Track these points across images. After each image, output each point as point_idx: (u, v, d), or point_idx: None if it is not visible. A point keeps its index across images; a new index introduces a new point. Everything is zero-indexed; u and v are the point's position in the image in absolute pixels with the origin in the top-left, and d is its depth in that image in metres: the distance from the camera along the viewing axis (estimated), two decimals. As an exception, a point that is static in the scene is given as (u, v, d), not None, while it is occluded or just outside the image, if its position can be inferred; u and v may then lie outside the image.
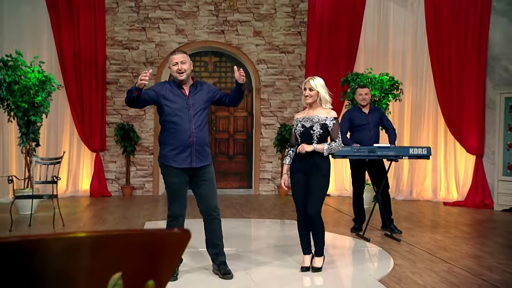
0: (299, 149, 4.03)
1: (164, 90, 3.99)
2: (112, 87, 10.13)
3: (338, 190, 10.37)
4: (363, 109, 6.19)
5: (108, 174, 10.07)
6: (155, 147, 10.18)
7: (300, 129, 4.15)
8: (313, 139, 4.11)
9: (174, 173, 3.95)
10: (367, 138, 6.06)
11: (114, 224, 6.64)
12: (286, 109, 10.51)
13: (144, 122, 10.21)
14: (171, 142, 3.93)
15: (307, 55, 10.19)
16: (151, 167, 10.20)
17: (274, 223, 6.98)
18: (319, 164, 4.11)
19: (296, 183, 4.15)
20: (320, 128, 4.10)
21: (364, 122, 6.11)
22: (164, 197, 9.75)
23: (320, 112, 4.17)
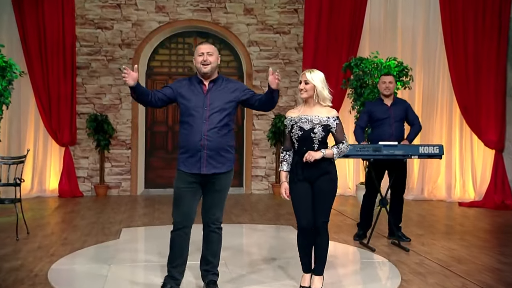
0: (307, 158, 3.96)
1: (182, 86, 4.00)
2: (83, 72, 10.03)
3: (340, 188, 10.37)
4: (385, 101, 6.16)
5: (80, 171, 10.01)
6: (132, 140, 10.12)
7: (298, 133, 4.07)
8: (314, 143, 4.05)
9: (182, 177, 3.96)
10: (387, 134, 6.02)
11: (86, 232, 6.59)
12: (281, 98, 10.45)
13: (120, 112, 10.14)
14: (183, 144, 3.98)
15: (305, 36, 10.12)
16: (129, 163, 10.14)
17: (268, 229, 6.96)
18: (326, 169, 4.07)
19: (299, 193, 4.09)
20: (322, 130, 4.05)
21: (385, 116, 6.08)
22: (144, 198, 9.72)
23: (319, 111, 4.10)
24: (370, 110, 6.19)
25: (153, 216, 7.74)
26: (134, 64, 10.09)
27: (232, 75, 10.57)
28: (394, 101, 6.18)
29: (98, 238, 6.20)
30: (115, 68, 10.10)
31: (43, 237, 6.25)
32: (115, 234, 6.44)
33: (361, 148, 5.61)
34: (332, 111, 4.16)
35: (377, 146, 5.62)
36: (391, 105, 6.13)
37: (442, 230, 6.93)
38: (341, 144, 4.11)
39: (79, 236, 6.28)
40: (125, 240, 6.14)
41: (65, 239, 6.12)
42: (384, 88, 6.13)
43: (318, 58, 10.07)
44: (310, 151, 3.99)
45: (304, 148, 4.04)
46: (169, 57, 10.46)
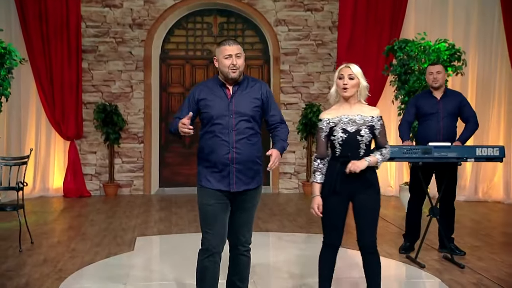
0: (351, 168, 3.89)
1: (203, 93, 3.92)
2: (90, 56, 10.07)
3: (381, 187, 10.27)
4: (434, 93, 6.07)
5: (87, 168, 10.09)
6: (145, 133, 10.16)
7: (341, 136, 3.98)
8: (361, 148, 3.98)
9: (208, 193, 3.90)
10: (434, 131, 5.94)
11: (96, 241, 6.64)
12: (312, 84, 10.41)
13: (132, 101, 10.17)
14: (207, 157, 3.91)
15: (340, 13, 10.02)
16: (141, 159, 10.20)
17: (300, 238, 6.94)
18: (369, 180, 4.01)
19: (333, 208, 4.03)
20: (369, 131, 3.99)
21: (433, 110, 5.99)
22: (159, 198, 9.78)
23: (362, 109, 4.02)
24: (417, 103, 6.11)
25: (170, 222, 7.77)
26: (147, 46, 10.10)
27: (257, 59, 10.53)
28: (445, 93, 6.08)
29: (110, 249, 6.25)
30: (125, 52, 10.12)
31: (48, 247, 6.31)
32: (129, 244, 6.48)
33: (408, 150, 5.53)
34: (375, 109, 4.09)
35: (427, 147, 5.53)
36: (441, 98, 6.04)
37: (502, 241, 6.83)
38: (384, 149, 4.06)
39: (89, 247, 6.33)
40: (140, 252, 6.18)
41: (73, 251, 6.17)
42: (432, 80, 6.03)
43: (355, 39, 9.98)
44: (353, 161, 3.92)
45: (349, 154, 3.97)
46: (186, 38, 10.44)
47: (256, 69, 10.54)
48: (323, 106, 10.32)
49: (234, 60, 3.86)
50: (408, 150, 5.54)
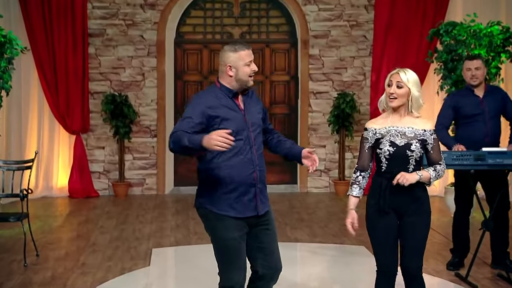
0: (400, 180, 3.85)
1: (214, 105, 3.77)
2: (97, 41, 10.09)
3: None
4: (475, 91, 5.97)
5: (94, 165, 10.14)
6: (159, 126, 10.18)
7: (389, 149, 3.96)
8: (410, 164, 3.95)
9: (233, 225, 3.80)
10: (480, 135, 5.86)
11: (108, 254, 6.68)
12: (346, 71, 10.35)
13: (144, 91, 10.19)
14: (229, 180, 3.77)
15: (378, -9, 9.92)
16: (154, 154, 10.23)
17: (333, 250, 6.92)
18: (420, 198, 3.97)
19: (384, 229, 4.00)
20: (420, 146, 3.95)
21: (477, 111, 5.90)
22: (174, 199, 9.81)
23: (412, 122, 3.98)
24: (456, 103, 6.00)
25: (188, 229, 7.80)
26: (160, 29, 10.08)
27: (283, 42, 10.47)
28: (487, 90, 5.98)
29: (123, 263, 6.28)
30: (136, 36, 10.12)
31: (56, 261, 6.36)
32: (144, 257, 6.51)
33: (459, 156, 5.46)
34: (428, 122, 4.05)
35: (480, 153, 5.46)
36: (484, 96, 5.95)
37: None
38: (438, 166, 4.01)
39: (100, 261, 6.37)
40: (157, 268, 6.21)
41: (83, 265, 6.22)
42: (470, 77, 5.92)
43: (395, 20, 9.89)
44: (403, 172, 3.89)
45: (396, 169, 3.94)
46: (204, 20, 10.41)
47: (282, 54, 10.49)
48: (357, 95, 10.27)
49: (253, 66, 3.82)
50: (459, 156, 5.47)
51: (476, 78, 5.91)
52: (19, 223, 6.35)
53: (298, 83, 10.44)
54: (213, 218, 3.80)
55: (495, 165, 5.47)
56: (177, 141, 3.57)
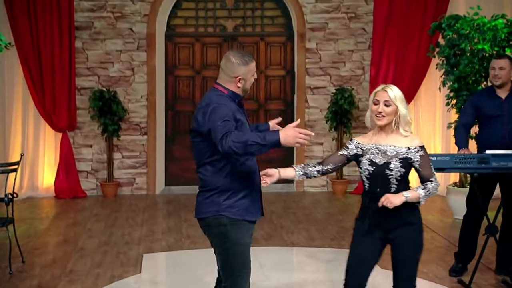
0: (385, 203, 3.88)
1: (234, 108, 3.94)
2: (84, 34, 10.07)
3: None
4: (498, 92, 6.00)
5: (81, 164, 10.14)
6: (149, 123, 10.17)
7: (368, 168, 4.01)
8: (391, 183, 3.98)
9: (248, 230, 4.01)
10: (497, 137, 5.88)
11: (97, 260, 6.69)
12: (344, 65, 10.37)
13: (133, 87, 10.18)
14: (244, 184, 3.97)
15: (377, -18, 9.92)
16: (144, 153, 10.23)
17: (331, 255, 6.93)
18: (407, 218, 4.02)
19: (363, 249, 4.07)
20: (400, 165, 3.97)
21: (497, 113, 5.93)
22: (166, 199, 9.81)
23: (397, 140, 4.03)
24: (477, 103, 6.05)
25: (181, 232, 7.81)
26: (150, 22, 10.05)
27: (278, 35, 10.48)
28: (511, 92, 6.00)
29: (113, 270, 6.29)
30: (126, 29, 10.10)
31: (42, 268, 6.36)
32: (135, 263, 6.52)
33: (462, 159, 5.46)
34: (415, 139, 4.08)
35: (484, 156, 5.46)
36: (507, 97, 5.96)
37: None
38: (429, 183, 4.03)
39: (88, 267, 6.38)
40: (148, 275, 6.23)
41: (71, 272, 6.23)
42: (493, 76, 5.96)
43: (395, 12, 9.90)
44: (387, 194, 3.92)
45: (378, 190, 3.99)
46: (196, 12, 10.40)
47: (277, 47, 10.49)
48: (356, 91, 10.28)
49: (255, 74, 4.07)
50: (462, 159, 5.47)
51: (498, 78, 5.93)
52: (4, 228, 6.34)
53: (294, 78, 10.45)
54: (234, 226, 3.93)
55: (499, 168, 5.46)
56: (241, 141, 3.66)
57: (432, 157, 5.44)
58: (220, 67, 4.04)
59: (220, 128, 3.71)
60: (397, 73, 10.02)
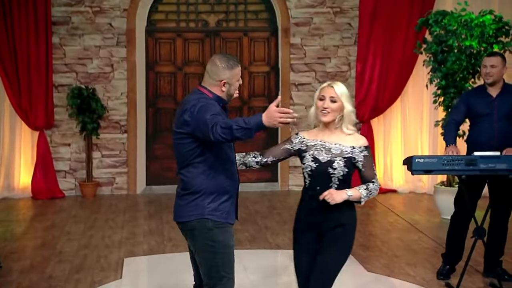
0: (327, 197, 3.93)
1: (219, 110, 3.99)
2: (61, 29, 10.05)
3: (409, 183, 10.36)
4: (489, 90, 6.06)
5: (59, 163, 10.13)
6: (129, 121, 10.17)
7: (311, 165, 4.06)
8: (332, 183, 4.05)
9: (231, 231, 4.11)
10: (486, 137, 5.96)
11: (76, 264, 6.71)
12: (329, 61, 10.43)
13: (113, 83, 10.17)
14: (226, 188, 4.06)
15: (363, -25, 9.97)
16: (125, 152, 10.23)
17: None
18: (347, 219, 4.08)
19: (303, 247, 4.15)
20: (344, 164, 4.03)
21: (486, 111, 6.00)
22: (147, 200, 9.83)
23: (342, 138, 4.09)
24: (469, 100, 6.13)
25: (163, 235, 7.83)
26: (130, 17, 10.04)
27: (262, 30, 10.51)
28: (503, 90, 6.06)
29: (93, 275, 6.31)
30: (105, 24, 10.08)
31: (20, 273, 6.36)
32: (115, 268, 6.54)
33: (449, 161, 5.52)
34: (360, 139, 4.16)
35: (471, 158, 5.52)
36: (498, 95, 6.03)
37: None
38: (371, 184, 4.09)
39: (67, 273, 6.39)
40: (130, 280, 6.25)
41: (49, 278, 6.23)
42: (484, 74, 6.03)
43: (381, 7, 9.97)
44: (331, 190, 4.00)
45: (318, 188, 4.05)
46: (177, 7, 10.40)
47: (261, 43, 10.53)
48: (342, 87, 10.30)
49: (240, 80, 4.14)
50: (449, 161, 5.53)
51: (490, 76, 5.98)
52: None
53: (279, 74, 10.48)
54: (214, 227, 4.00)
55: (487, 170, 5.53)
56: (227, 127, 3.69)
57: (419, 159, 5.54)
58: (205, 69, 4.09)
59: (209, 119, 3.77)
60: (383, 69, 10.10)
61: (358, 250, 6.99)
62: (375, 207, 9.36)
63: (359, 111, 10.16)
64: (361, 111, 10.06)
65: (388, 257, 6.90)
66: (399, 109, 10.36)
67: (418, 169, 5.50)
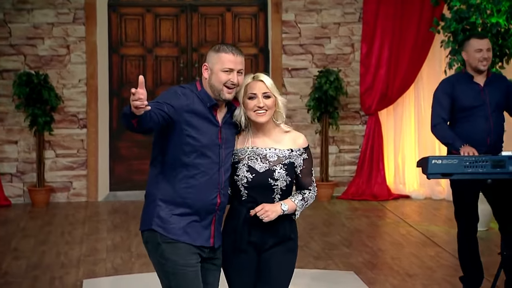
0: (261, 213, 3.97)
1: (192, 106, 4.01)
2: (6, 3, 10.04)
3: (425, 187, 10.38)
4: (476, 78, 6.10)
5: (4, 165, 10.13)
6: (89, 114, 10.15)
7: (247, 176, 4.08)
8: (274, 194, 4.09)
9: (187, 251, 4.03)
10: (481, 133, 5.98)
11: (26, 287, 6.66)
12: (329, 41, 10.47)
13: (69, 68, 10.17)
14: (189, 202, 4.03)
15: None
16: (84, 150, 10.23)
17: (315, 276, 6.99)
18: (287, 234, 4.14)
19: (239, 269, 4.18)
20: (286, 173, 4.08)
21: (477, 103, 6.02)
22: (110, 208, 9.81)
23: (277, 140, 4.14)
24: (452, 91, 6.12)
25: (129, 250, 7.83)
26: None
27: (248, 5, 10.56)
28: (489, 78, 6.12)
29: (46, 301, 6.30)
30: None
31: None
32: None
33: (472, 163, 5.55)
34: (299, 137, 4.20)
35: (499, 158, 5.56)
36: (485, 84, 6.08)
37: None
38: (307, 192, 4.18)
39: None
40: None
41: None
42: (479, 61, 6.01)
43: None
44: (264, 204, 4.03)
45: (259, 200, 4.08)
46: (146, -25, 10.42)
47: (247, 20, 10.56)
48: (344, 72, 10.37)
49: (235, 76, 4.01)
50: (472, 162, 5.56)
51: (486, 62, 6.02)
52: None
53: (269, 57, 10.49)
54: (162, 242, 4.00)
55: (518, 173, 5.59)
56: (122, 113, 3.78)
57: (436, 160, 5.57)
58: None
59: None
60: (393, 51, 10.15)
61: (364, 269, 7.03)
62: (385, 216, 9.41)
63: (365, 101, 10.23)
64: (367, 101, 10.11)
65: (400, 277, 6.91)
66: (412, 99, 10.41)
67: (435, 172, 5.55)
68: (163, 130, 3.97)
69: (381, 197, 10.22)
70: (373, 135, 10.31)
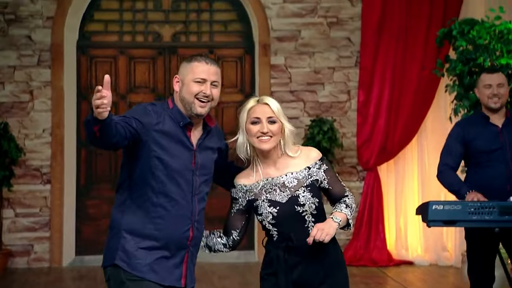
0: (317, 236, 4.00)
1: (162, 125, 4.07)
2: (-37, 44, 10.14)
3: (430, 252, 10.35)
4: (492, 118, 6.16)
5: (-42, 225, 10.10)
6: (54, 168, 10.17)
7: (271, 212, 4.14)
8: (306, 222, 4.15)
9: None
10: (501, 177, 6.03)
11: None
12: (322, 87, 10.52)
13: (32, 117, 10.21)
14: (152, 232, 4.04)
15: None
16: (47, 209, 10.20)
17: None
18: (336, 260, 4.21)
19: None
20: (311, 194, 4.13)
21: (495, 146, 6.08)
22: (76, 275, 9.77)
23: (290, 164, 4.22)
24: (466, 135, 6.18)
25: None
26: (56, 28, 10.13)
27: (234, 47, 10.64)
28: (508, 118, 6.20)
29: None
30: (22, 37, 10.16)
31: None
32: None
33: (478, 208, 5.61)
34: (310, 150, 4.32)
35: (507, 204, 5.61)
36: (504, 125, 6.15)
37: None
38: (346, 199, 4.25)
39: None
40: None
41: None
42: (490, 98, 6.10)
43: (390, 15, 10.14)
44: (318, 224, 4.08)
45: (292, 235, 4.13)
46: (120, 14, 10.53)
47: (232, 63, 10.64)
48: (339, 122, 10.36)
49: (208, 88, 4.05)
50: (477, 208, 5.61)
51: (497, 100, 6.06)
52: None
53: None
54: (126, 280, 4.00)
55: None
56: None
57: (437, 206, 5.59)
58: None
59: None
60: (393, 99, 10.18)
61: None
62: (385, 284, 9.37)
63: (362, 154, 10.20)
64: (365, 155, 10.10)
65: None
66: (415, 152, 10.39)
67: (436, 219, 5.60)
68: (130, 149, 3.98)
69: (381, 262, 10.07)
70: (371, 193, 10.22)
